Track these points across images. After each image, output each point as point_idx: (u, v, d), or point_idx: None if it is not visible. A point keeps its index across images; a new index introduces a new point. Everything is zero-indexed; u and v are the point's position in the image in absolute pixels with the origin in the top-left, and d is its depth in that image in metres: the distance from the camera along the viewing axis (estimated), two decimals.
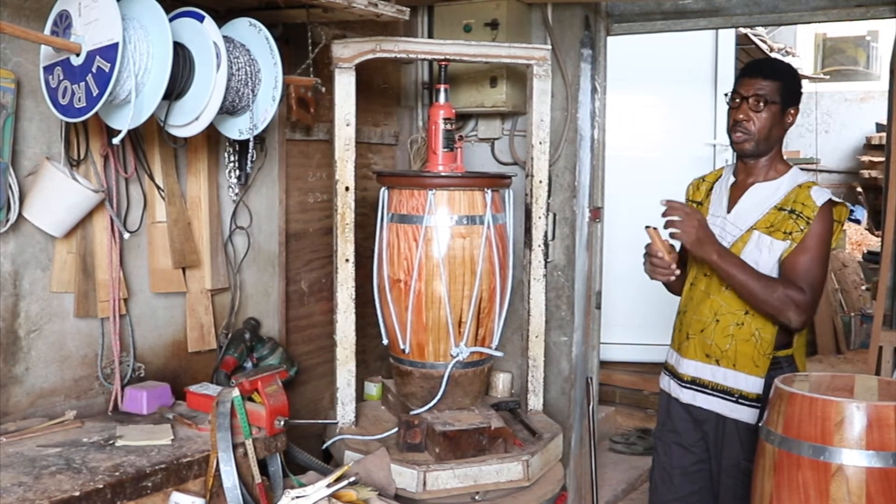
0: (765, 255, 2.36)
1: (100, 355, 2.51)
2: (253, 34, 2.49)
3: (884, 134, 7.07)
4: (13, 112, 2.21)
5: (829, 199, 2.36)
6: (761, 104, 2.37)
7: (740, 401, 2.42)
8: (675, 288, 2.67)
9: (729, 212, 2.47)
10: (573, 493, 3.49)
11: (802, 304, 2.31)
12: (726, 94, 2.49)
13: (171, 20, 2.17)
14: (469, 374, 2.91)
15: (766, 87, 2.38)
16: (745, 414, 2.42)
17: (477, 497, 2.66)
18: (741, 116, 2.40)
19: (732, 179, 2.53)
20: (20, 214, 2.25)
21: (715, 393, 2.46)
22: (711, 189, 2.61)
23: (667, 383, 2.62)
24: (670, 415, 2.60)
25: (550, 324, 3.43)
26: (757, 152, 2.44)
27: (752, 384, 2.41)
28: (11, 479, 1.90)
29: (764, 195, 2.44)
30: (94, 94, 2.04)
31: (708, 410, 2.48)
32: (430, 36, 3.62)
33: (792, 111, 2.44)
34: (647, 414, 5.23)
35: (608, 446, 4.67)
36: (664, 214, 2.33)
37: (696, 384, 2.49)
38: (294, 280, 3.22)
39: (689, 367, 2.50)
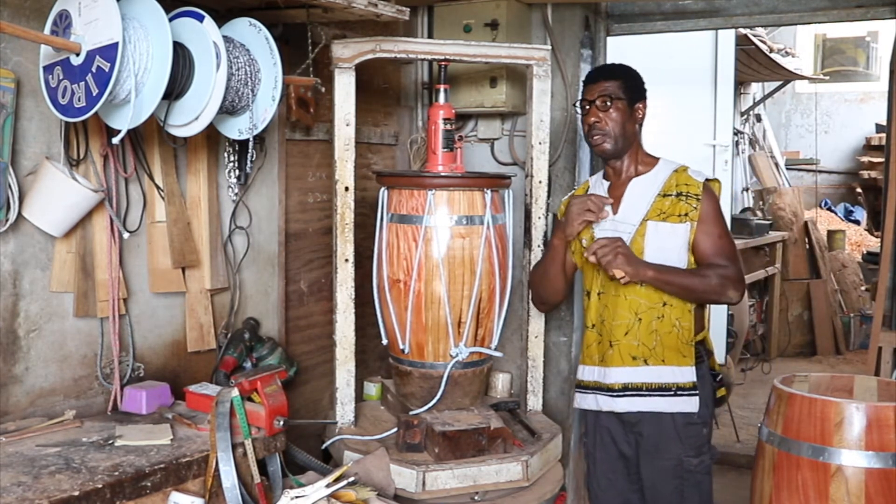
0: (669, 240, 2.43)
1: (99, 355, 2.51)
2: (253, 34, 2.49)
3: (883, 135, 7.08)
4: (13, 112, 2.21)
5: (706, 178, 2.51)
6: (608, 103, 2.49)
7: (678, 393, 2.44)
8: (551, 286, 2.64)
9: (615, 212, 2.50)
10: (572, 493, 3.49)
11: (735, 278, 2.42)
12: (574, 105, 2.61)
13: (171, 20, 2.17)
14: (468, 375, 2.91)
15: (609, 87, 2.50)
16: (687, 405, 2.44)
17: (476, 497, 2.66)
18: (593, 119, 2.50)
19: (607, 183, 2.60)
20: (20, 214, 2.25)
21: (652, 393, 2.45)
22: None
23: (592, 400, 2.56)
24: (600, 426, 2.57)
25: (550, 324, 3.42)
26: (617, 150, 2.52)
27: (686, 374, 2.44)
28: (11, 479, 1.90)
29: (644, 187, 2.52)
30: (94, 94, 2.04)
31: (642, 412, 2.46)
32: (430, 36, 3.61)
33: (640, 106, 2.57)
34: None
35: None
36: (587, 255, 2.39)
37: (631, 389, 2.47)
38: (294, 280, 3.22)
39: (620, 375, 2.48)
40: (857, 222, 8.93)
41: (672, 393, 2.43)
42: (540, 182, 3.08)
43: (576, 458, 3.58)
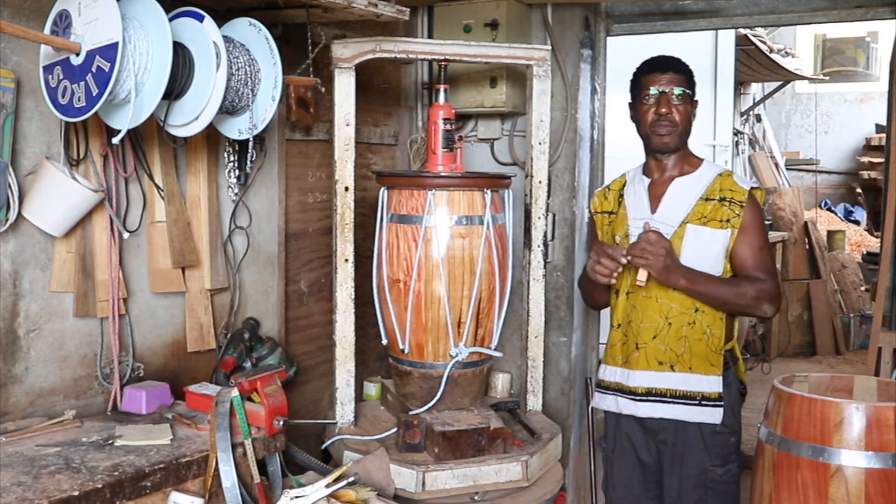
0: (708, 245, 2.35)
1: (99, 355, 2.51)
2: (253, 34, 2.49)
3: (883, 135, 7.08)
4: (13, 111, 2.20)
5: (752, 186, 2.42)
6: (680, 96, 2.38)
7: (703, 403, 2.38)
8: (598, 297, 2.64)
9: (654, 211, 2.43)
10: (572, 493, 3.49)
11: (772, 293, 2.34)
12: (644, 93, 2.42)
13: (171, 20, 2.17)
14: (468, 375, 2.91)
15: (680, 80, 2.40)
16: (710, 415, 2.38)
17: (476, 497, 2.66)
18: (664, 110, 2.37)
19: (647, 180, 2.50)
20: (20, 214, 2.25)
21: (675, 400, 2.39)
22: (621, 196, 2.57)
23: (612, 402, 2.52)
24: (620, 432, 2.54)
25: (550, 324, 3.43)
26: (679, 145, 2.43)
27: (712, 384, 2.39)
28: (11, 479, 1.90)
29: (687, 188, 2.43)
30: (94, 94, 2.04)
31: (667, 419, 2.41)
32: (430, 36, 3.62)
33: (696, 102, 2.48)
34: None
35: None
36: (632, 247, 2.29)
37: (654, 395, 2.41)
38: (293, 280, 3.22)
39: (643, 379, 2.43)
40: (857, 222, 8.94)
41: (697, 402, 2.38)
42: (540, 182, 3.08)
43: (576, 459, 3.59)
